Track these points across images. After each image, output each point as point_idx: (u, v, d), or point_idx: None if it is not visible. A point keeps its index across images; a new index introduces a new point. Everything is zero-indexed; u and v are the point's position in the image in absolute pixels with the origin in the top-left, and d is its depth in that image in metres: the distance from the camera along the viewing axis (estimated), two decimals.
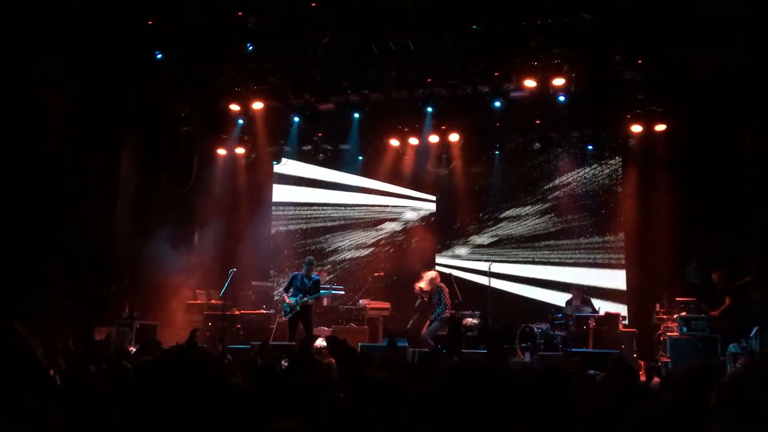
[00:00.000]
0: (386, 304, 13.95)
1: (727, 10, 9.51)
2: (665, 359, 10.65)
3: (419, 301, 12.60)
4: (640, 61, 11.26)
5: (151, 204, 13.07)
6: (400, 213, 15.96)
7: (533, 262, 14.70)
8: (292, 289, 11.50)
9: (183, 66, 12.17)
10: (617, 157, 14.40)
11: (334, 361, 6.39)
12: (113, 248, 12.27)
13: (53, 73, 10.48)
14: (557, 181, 14.82)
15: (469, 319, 12.58)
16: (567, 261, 14.53)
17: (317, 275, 12.09)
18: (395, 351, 8.99)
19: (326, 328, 12.58)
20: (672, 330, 11.01)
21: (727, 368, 9.00)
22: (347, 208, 16.23)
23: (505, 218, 15.16)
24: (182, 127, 13.72)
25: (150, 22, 11.21)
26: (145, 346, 8.18)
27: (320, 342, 10.57)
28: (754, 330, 9.16)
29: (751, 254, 10.36)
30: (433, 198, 15.77)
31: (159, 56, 11.90)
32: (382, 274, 15.01)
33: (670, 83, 11.68)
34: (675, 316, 11.05)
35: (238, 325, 12.86)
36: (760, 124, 10.08)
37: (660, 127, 12.67)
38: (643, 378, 8.47)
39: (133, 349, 9.02)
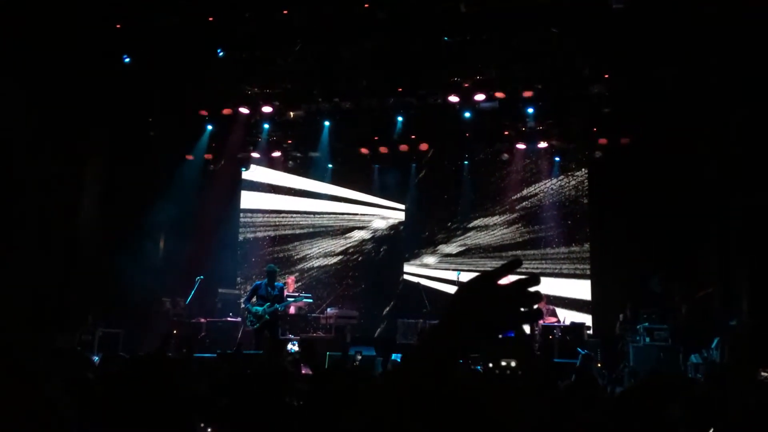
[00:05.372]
0: (354, 313, 13.92)
1: (691, 28, 9.76)
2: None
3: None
4: (606, 76, 11.47)
5: (117, 210, 12.85)
6: (369, 221, 15.97)
7: None
8: (255, 299, 11.29)
9: (151, 70, 12.02)
10: (583, 169, 14.61)
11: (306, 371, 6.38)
12: (76, 255, 12.03)
13: (15, 75, 10.27)
14: (525, 192, 14.98)
15: None
16: (533, 271, 14.64)
17: (282, 283, 11.98)
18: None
19: (293, 337, 12.50)
20: (635, 340, 11.19)
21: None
22: (316, 215, 16.18)
23: (473, 228, 15.26)
24: (149, 132, 13.56)
25: (118, 26, 11.07)
26: (109, 356, 8.03)
27: (290, 346, 10.49)
28: (715, 341, 9.36)
29: (712, 266, 10.62)
30: (402, 207, 15.80)
31: (127, 60, 11.76)
32: (350, 282, 14.99)
33: (635, 98, 11.91)
34: (638, 326, 11.24)
35: (204, 333, 12.71)
36: (721, 139, 10.36)
37: (625, 140, 12.91)
38: None
39: (96, 358, 8.85)
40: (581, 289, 14.19)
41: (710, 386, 4.49)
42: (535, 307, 1.30)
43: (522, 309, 1.29)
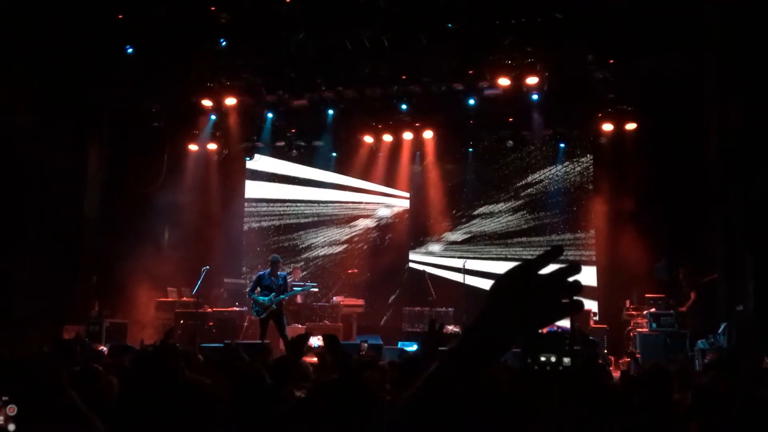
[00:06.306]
0: (360, 301, 13.94)
1: (693, 15, 9.71)
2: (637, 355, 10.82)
3: None
4: (611, 61, 11.41)
5: (121, 201, 12.87)
6: (374, 210, 15.96)
7: (506, 259, 14.80)
8: (260, 289, 11.24)
9: (154, 61, 11.99)
10: (588, 155, 14.56)
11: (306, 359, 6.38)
12: (81, 246, 12.07)
13: (17, 68, 10.25)
14: (530, 179, 14.94)
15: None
16: None
17: (285, 272, 11.96)
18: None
19: (300, 326, 12.53)
20: (642, 326, 11.20)
21: (695, 364, 9.18)
22: (321, 204, 16.18)
23: (478, 215, 15.24)
24: (153, 123, 13.55)
25: (120, 16, 11.04)
26: (117, 347, 8.07)
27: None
28: (722, 326, 9.35)
29: (717, 252, 10.58)
30: (407, 195, 15.79)
31: (130, 51, 11.74)
32: (356, 271, 15.02)
33: (640, 83, 11.84)
34: (644, 312, 11.24)
35: (211, 323, 12.76)
36: (723, 125, 10.29)
37: (630, 126, 12.85)
38: (615, 372, 8.62)
39: (103, 348, 8.90)
40: (587, 275, 14.13)
41: (719, 374, 4.49)
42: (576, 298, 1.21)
43: (563, 300, 1.21)
